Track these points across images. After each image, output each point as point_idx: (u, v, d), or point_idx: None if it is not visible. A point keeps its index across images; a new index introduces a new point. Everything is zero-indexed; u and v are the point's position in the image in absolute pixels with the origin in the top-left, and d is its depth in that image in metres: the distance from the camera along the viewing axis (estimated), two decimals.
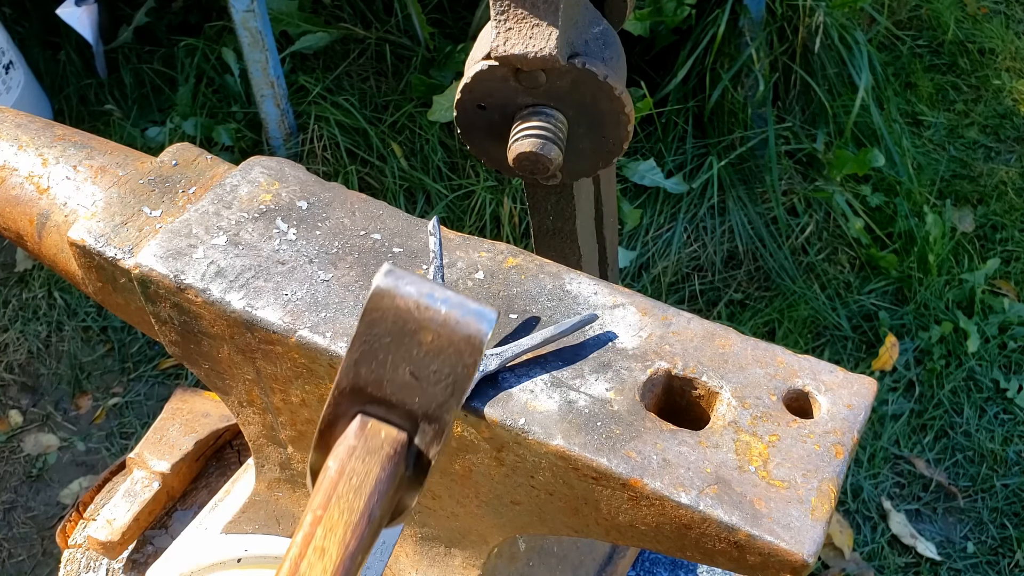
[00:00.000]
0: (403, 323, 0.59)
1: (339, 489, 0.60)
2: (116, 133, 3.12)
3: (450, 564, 0.98)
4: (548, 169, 1.00)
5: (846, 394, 0.79)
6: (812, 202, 2.93)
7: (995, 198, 3.06)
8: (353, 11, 3.13)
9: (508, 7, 0.95)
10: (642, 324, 0.84)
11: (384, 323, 0.59)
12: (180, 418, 1.30)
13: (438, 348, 0.59)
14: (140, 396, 2.68)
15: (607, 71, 0.98)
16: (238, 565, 1.05)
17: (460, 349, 0.59)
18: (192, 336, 0.93)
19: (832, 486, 0.74)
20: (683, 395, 0.82)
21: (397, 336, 0.59)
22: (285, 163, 0.99)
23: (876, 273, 2.85)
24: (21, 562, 2.40)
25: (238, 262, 0.90)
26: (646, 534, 0.78)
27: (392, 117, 2.96)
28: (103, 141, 1.06)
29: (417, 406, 0.61)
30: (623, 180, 2.90)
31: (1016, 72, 3.47)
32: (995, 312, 2.75)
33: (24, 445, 2.61)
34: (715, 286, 2.84)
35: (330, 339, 0.84)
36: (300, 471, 1.04)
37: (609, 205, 1.33)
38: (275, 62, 2.79)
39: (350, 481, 0.60)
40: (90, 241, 0.94)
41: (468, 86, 1.01)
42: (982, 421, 2.57)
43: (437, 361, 0.60)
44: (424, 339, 0.59)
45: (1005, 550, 2.36)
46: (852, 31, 3.04)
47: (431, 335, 0.59)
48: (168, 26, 3.35)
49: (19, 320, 2.83)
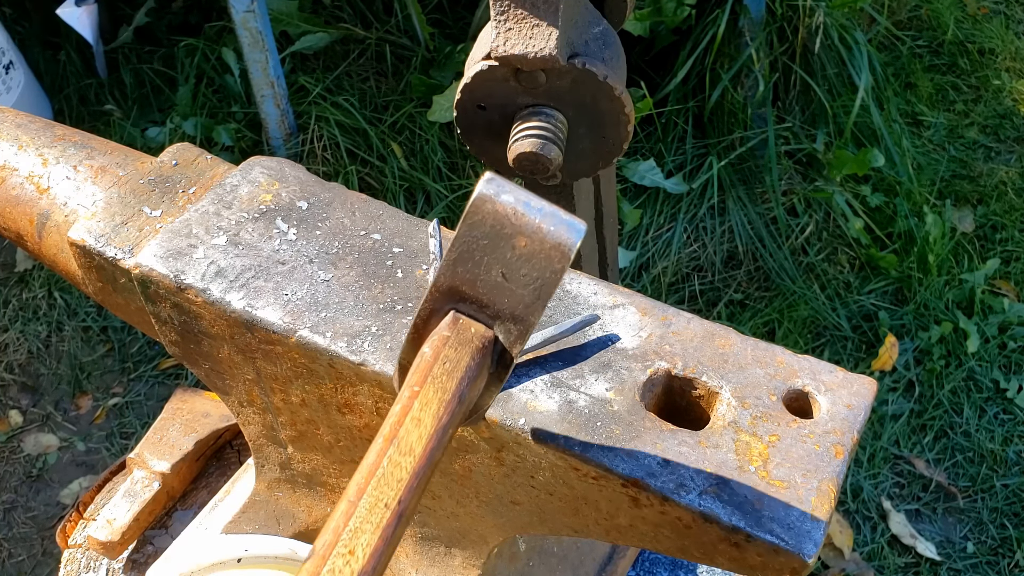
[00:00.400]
0: (500, 227, 0.63)
1: (434, 371, 0.66)
2: (116, 133, 3.12)
3: (450, 564, 0.98)
4: (548, 169, 1.00)
5: (846, 394, 0.79)
6: (812, 202, 2.93)
7: (995, 198, 3.06)
8: (353, 11, 3.13)
9: (508, 7, 0.95)
10: (642, 324, 0.84)
11: (483, 226, 0.64)
12: (180, 418, 1.30)
13: (530, 253, 0.64)
14: (140, 396, 2.68)
15: (607, 71, 0.98)
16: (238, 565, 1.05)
17: (550, 255, 0.63)
18: (192, 336, 0.93)
19: (832, 486, 0.74)
20: (683, 395, 0.82)
21: (493, 239, 0.64)
22: (285, 163, 0.99)
23: (876, 273, 2.85)
24: (21, 562, 2.40)
25: (238, 262, 0.90)
26: (646, 534, 0.78)
27: (392, 117, 2.96)
28: (103, 141, 1.06)
29: (505, 306, 0.66)
30: (623, 180, 2.90)
31: (1016, 72, 3.47)
32: (995, 312, 2.75)
33: (24, 445, 2.61)
34: (715, 286, 2.84)
35: (330, 339, 0.84)
36: (300, 471, 1.04)
37: (609, 205, 1.33)
38: (275, 62, 2.79)
39: (443, 365, 0.66)
40: (90, 241, 0.94)
41: (468, 86, 1.01)
42: (982, 421, 2.57)
43: (528, 265, 0.64)
44: (518, 243, 0.63)
45: (1005, 550, 2.36)
46: (852, 31, 3.04)
47: (525, 240, 0.63)
48: (168, 26, 3.36)
49: (19, 320, 2.83)
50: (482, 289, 0.66)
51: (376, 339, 0.84)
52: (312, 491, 1.06)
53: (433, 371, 0.66)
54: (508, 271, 0.64)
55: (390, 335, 0.84)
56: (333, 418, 0.92)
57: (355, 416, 0.89)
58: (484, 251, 0.64)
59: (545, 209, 0.63)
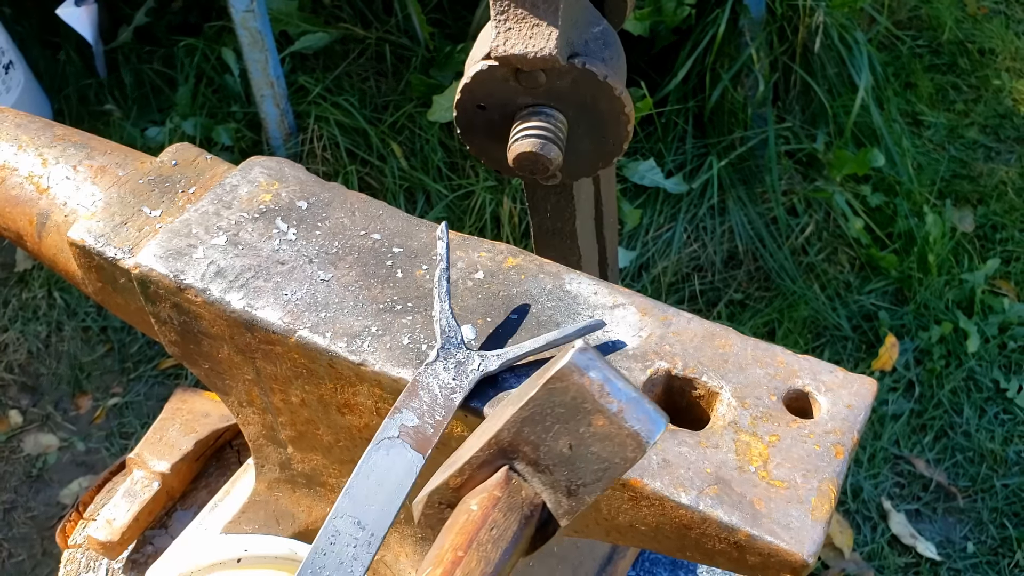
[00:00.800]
0: (581, 401, 0.63)
1: (480, 536, 0.65)
2: (116, 133, 3.12)
3: None
4: (548, 169, 1.00)
5: (846, 394, 0.79)
6: (812, 202, 2.93)
7: (995, 198, 3.06)
8: (353, 11, 3.13)
9: (508, 7, 0.94)
10: (642, 324, 0.84)
11: (564, 395, 0.63)
12: (180, 418, 1.30)
13: (605, 434, 0.63)
14: (140, 396, 2.68)
15: (607, 71, 0.98)
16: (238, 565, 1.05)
17: (625, 443, 0.63)
18: (192, 336, 0.93)
19: (832, 486, 0.74)
20: (683, 395, 0.82)
21: (571, 411, 0.63)
22: (285, 163, 0.99)
23: (876, 273, 2.85)
24: (21, 562, 2.40)
25: (238, 262, 0.90)
26: (646, 534, 0.78)
27: (392, 117, 2.96)
28: (103, 141, 1.06)
29: (564, 478, 0.65)
30: (623, 180, 2.90)
31: (1016, 72, 3.47)
32: (995, 312, 2.75)
33: (24, 445, 2.61)
34: (715, 286, 2.84)
35: (330, 339, 0.84)
36: (300, 471, 1.04)
37: (609, 205, 1.33)
38: (275, 62, 2.79)
39: (491, 531, 0.65)
40: (90, 241, 0.94)
41: (468, 86, 1.01)
42: (982, 421, 2.57)
43: (599, 445, 0.63)
44: (595, 422, 0.63)
45: (1005, 550, 2.36)
46: (852, 31, 3.04)
47: (603, 421, 0.63)
48: (168, 26, 3.35)
49: (19, 320, 2.83)
50: (544, 454, 0.65)
51: (376, 339, 0.84)
52: (312, 491, 1.05)
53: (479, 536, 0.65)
54: (577, 445, 0.64)
55: (390, 335, 0.84)
56: (333, 418, 0.92)
57: (355, 416, 0.89)
58: (558, 419, 0.64)
59: (631, 395, 0.63)
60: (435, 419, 0.78)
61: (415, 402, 0.79)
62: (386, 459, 0.77)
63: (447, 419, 0.79)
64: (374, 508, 0.75)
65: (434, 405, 0.79)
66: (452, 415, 0.79)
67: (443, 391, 0.80)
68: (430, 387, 0.80)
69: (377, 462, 0.77)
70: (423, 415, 0.78)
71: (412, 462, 0.77)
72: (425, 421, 0.78)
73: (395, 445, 0.77)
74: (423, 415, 0.78)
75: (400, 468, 0.77)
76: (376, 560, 1.05)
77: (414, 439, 0.78)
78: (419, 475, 0.77)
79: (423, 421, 0.78)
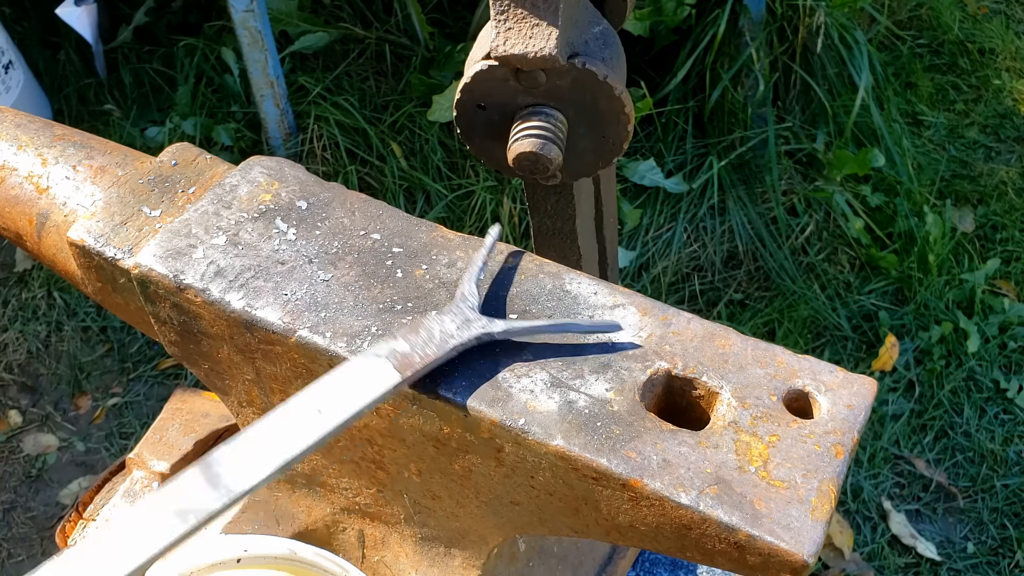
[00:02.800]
0: None
1: None
2: (116, 133, 3.12)
3: (450, 564, 0.98)
4: (548, 169, 1.00)
5: (846, 394, 0.79)
6: (812, 202, 2.93)
7: (995, 198, 3.06)
8: (353, 11, 3.13)
9: (508, 7, 0.94)
10: (642, 324, 0.84)
11: None
12: (180, 418, 1.30)
13: None
14: (140, 396, 2.68)
15: (607, 71, 0.98)
16: (238, 565, 1.05)
17: None
18: (192, 336, 0.93)
19: (832, 486, 0.74)
20: (683, 395, 0.82)
21: None
22: (285, 163, 0.99)
23: (876, 273, 2.85)
24: (21, 562, 2.40)
25: (238, 262, 0.90)
26: (646, 534, 0.78)
27: (392, 117, 2.96)
28: (103, 141, 1.06)
29: None
30: (623, 180, 2.90)
31: (1016, 72, 3.47)
32: (995, 312, 2.75)
33: (24, 445, 2.61)
34: (715, 286, 2.84)
35: (330, 339, 0.84)
36: (299, 471, 1.04)
37: (609, 205, 1.33)
38: (275, 62, 2.79)
39: None
40: (89, 241, 0.94)
41: (468, 86, 1.01)
42: (982, 421, 2.57)
43: None
44: None
45: (1005, 550, 2.36)
46: (852, 31, 3.04)
47: None
48: (168, 26, 3.35)
49: (19, 320, 2.83)
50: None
51: (376, 339, 0.84)
52: (312, 491, 1.05)
53: None
54: None
55: (390, 335, 0.84)
56: None
57: None
58: None
59: None
60: (425, 352, 0.80)
61: (412, 336, 0.81)
62: (365, 367, 0.79)
63: (438, 357, 0.80)
64: (336, 401, 0.77)
65: (429, 342, 0.81)
66: (444, 355, 0.80)
67: (442, 335, 0.81)
68: (431, 328, 0.81)
69: (356, 367, 0.79)
70: (415, 346, 0.80)
71: (390, 378, 0.78)
72: (415, 351, 0.80)
73: (380, 361, 0.79)
74: (415, 346, 0.80)
75: (376, 378, 0.78)
76: (376, 560, 1.05)
77: (399, 362, 0.79)
78: (393, 396, 0.79)
79: (413, 351, 0.80)
